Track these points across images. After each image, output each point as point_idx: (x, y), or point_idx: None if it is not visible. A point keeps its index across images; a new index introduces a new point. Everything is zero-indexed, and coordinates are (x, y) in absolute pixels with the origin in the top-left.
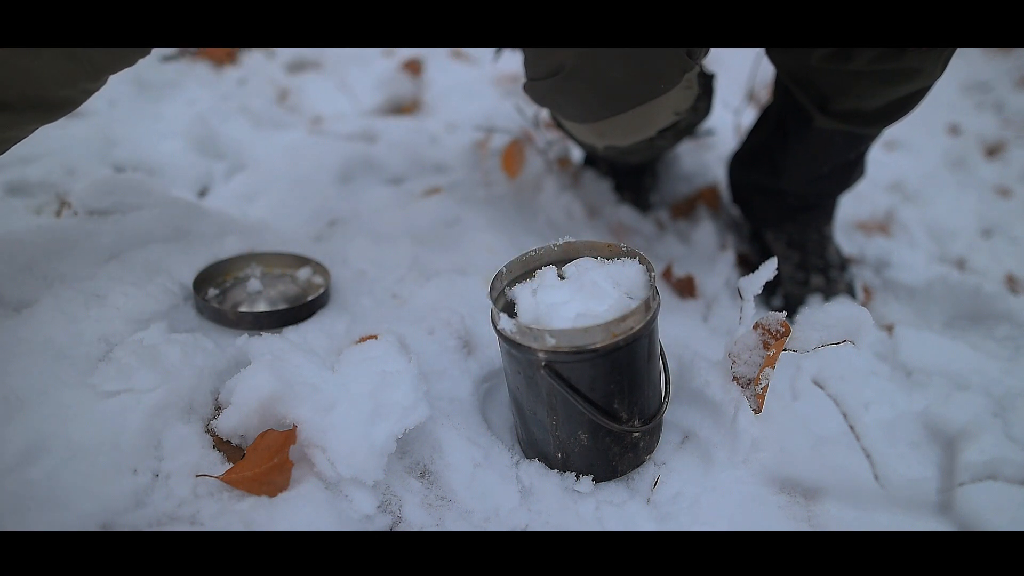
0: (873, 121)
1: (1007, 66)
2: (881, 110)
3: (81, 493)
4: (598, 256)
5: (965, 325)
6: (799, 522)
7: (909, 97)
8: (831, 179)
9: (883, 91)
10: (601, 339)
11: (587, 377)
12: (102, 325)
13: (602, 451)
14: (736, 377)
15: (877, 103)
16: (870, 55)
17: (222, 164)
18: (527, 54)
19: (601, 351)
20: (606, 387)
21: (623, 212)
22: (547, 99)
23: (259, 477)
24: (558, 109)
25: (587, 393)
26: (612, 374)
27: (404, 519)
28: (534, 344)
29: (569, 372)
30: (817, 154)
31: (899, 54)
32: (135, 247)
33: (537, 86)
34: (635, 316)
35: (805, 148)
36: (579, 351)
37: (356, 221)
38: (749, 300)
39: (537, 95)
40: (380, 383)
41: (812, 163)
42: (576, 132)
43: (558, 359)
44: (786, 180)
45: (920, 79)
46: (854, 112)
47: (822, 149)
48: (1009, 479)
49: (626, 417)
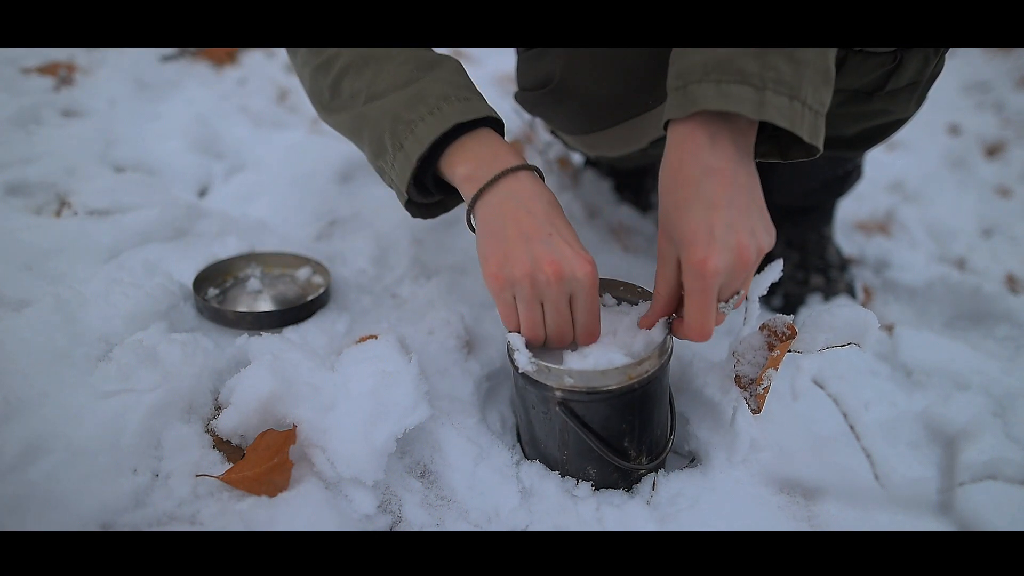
0: (854, 146)
1: (1007, 66)
2: (858, 136)
3: (81, 493)
4: (613, 294)
5: (965, 325)
6: (799, 522)
7: (886, 126)
8: (825, 190)
9: (858, 124)
10: (617, 381)
11: (600, 416)
12: (102, 325)
13: (608, 485)
14: (738, 376)
15: (853, 131)
16: (837, 99)
17: (222, 164)
18: (519, 63)
19: (616, 392)
20: (618, 426)
21: (623, 212)
22: (537, 110)
23: (259, 477)
24: (548, 120)
25: (599, 431)
26: (625, 414)
27: (404, 519)
28: (551, 382)
29: (583, 410)
30: (804, 174)
31: (866, 99)
32: (135, 247)
33: (527, 96)
34: (651, 360)
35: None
36: (594, 391)
37: (356, 221)
38: (754, 301)
39: (528, 105)
40: (380, 383)
41: (801, 180)
42: (568, 141)
43: (573, 398)
44: (777, 196)
45: (893, 115)
46: (834, 138)
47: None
48: (1009, 479)
49: (635, 455)
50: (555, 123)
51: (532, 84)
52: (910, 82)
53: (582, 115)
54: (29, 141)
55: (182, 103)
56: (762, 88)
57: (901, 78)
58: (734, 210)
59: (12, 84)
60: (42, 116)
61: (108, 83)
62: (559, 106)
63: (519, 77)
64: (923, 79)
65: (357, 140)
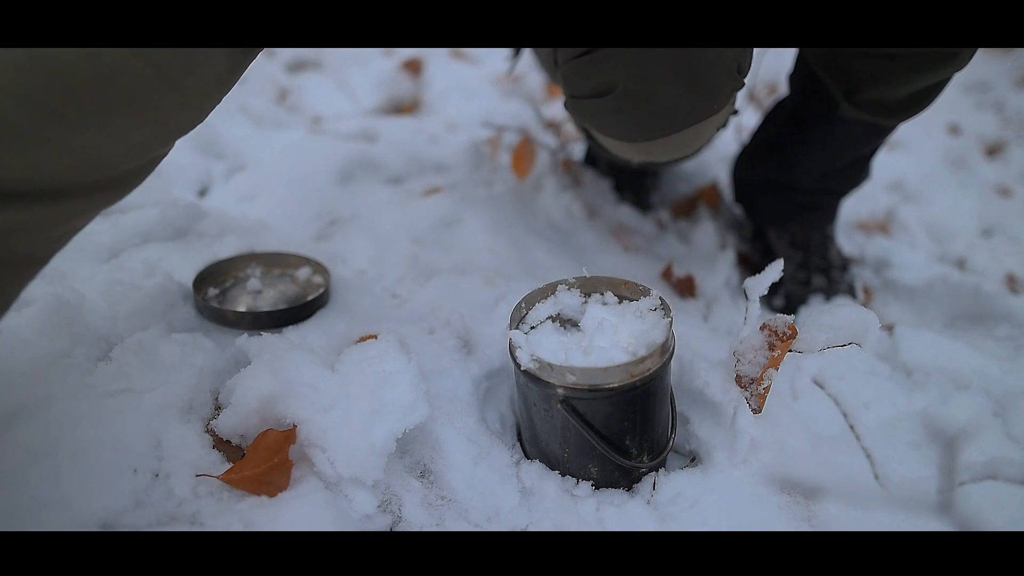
0: (895, 112)
1: (1007, 66)
2: (904, 100)
3: (81, 493)
4: (615, 293)
5: (965, 325)
6: (799, 522)
7: (934, 87)
8: (842, 176)
9: (913, 79)
10: (619, 379)
11: (602, 414)
12: (102, 325)
13: (610, 483)
14: (739, 376)
15: (903, 92)
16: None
17: (222, 164)
18: (568, 70)
19: (618, 390)
20: (620, 424)
21: (623, 212)
22: (592, 118)
23: (259, 477)
24: (603, 128)
25: (601, 429)
26: (627, 412)
27: (404, 519)
28: (553, 380)
29: (585, 408)
30: (835, 145)
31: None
32: (135, 247)
33: (582, 104)
34: (653, 358)
35: (823, 139)
36: (597, 389)
37: (356, 221)
38: (755, 300)
39: (580, 113)
40: (380, 383)
41: (828, 155)
42: (615, 148)
43: (576, 395)
44: (799, 173)
45: (952, 65)
46: (878, 102)
47: (841, 140)
48: (1009, 479)
49: (636, 453)
50: (612, 130)
51: (590, 92)
52: None
53: (646, 121)
54: None
55: None
56: None
57: None
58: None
59: None
60: None
61: None
62: (620, 114)
63: (569, 84)
64: None
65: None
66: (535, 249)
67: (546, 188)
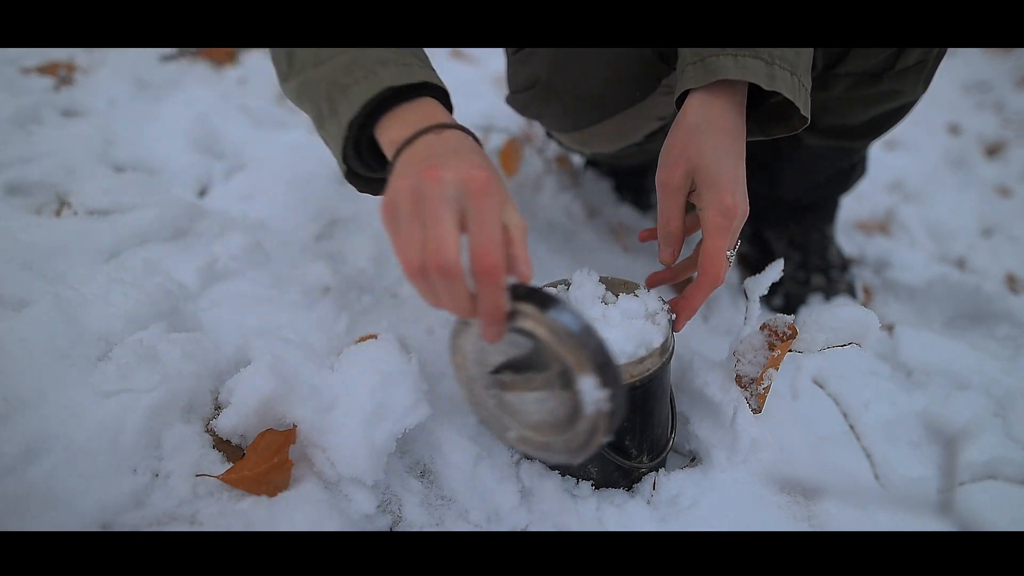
0: (860, 135)
1: (1007, 66)
2: (867, 124)
3: (81, 493)
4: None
5: (965, 325)
6: (799, 522)
7: (894, 112)
8: (830, 184)
9: (866, 111)
10: None
11: None
12: (102, 325)
13: (610, 483)
14: (739, 376)
15: (862, 119)
16: (846, 83)
17: (222, 164)
18: (508, 66)
19: None
20: (620, 424)
21: (623, 212)
22: (529, 110)
23: (259, 477)
24: (540, 119)
25: None
26: (626, 412)
27: (404, 519)
28: None
29: None
30: (813, 167)
31: (875, 80)
32: (135, 247)
33: (518, 98)
34: (652, 358)
35: (798, 162)
36: None
37: (356, 221)
38: (755, 300)
39: (519, 106)
40: (380, 383)
41: (808, 174)
42: (562, 140)
43: None
44: (784, 190)
45: (901, 98)
46: (840, 128)
47: (816, 162)
48: (1009, 479)
49: (635, 454)
50: (546, 122)
51: (521, 86)
52: (917, 61)
53: (571, 112)
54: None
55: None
56: (771, 63)
57: (909, 57)
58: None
59: (12, 84)
60: (42, 116)
61: (108, 83)
62: (548, 105)
63: (509, 80)
64: (930, 58)
65: (304, 108)
66: (535, 249)
67: (546, 188)
